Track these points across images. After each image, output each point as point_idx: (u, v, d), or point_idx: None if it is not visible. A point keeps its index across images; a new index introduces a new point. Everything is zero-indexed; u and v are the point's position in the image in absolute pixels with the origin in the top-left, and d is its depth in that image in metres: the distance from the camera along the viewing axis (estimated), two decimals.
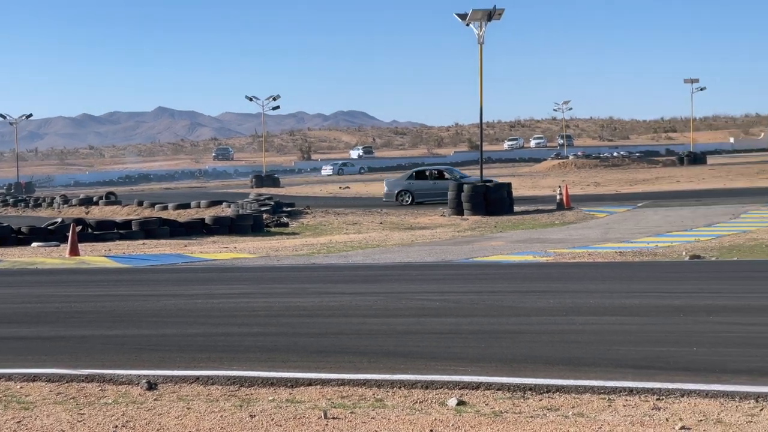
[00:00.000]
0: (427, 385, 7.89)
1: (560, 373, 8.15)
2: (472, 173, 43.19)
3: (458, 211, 32.45)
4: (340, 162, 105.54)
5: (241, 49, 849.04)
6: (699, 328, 10.11)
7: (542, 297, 12.92)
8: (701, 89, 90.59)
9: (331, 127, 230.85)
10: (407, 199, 40.35)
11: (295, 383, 8.14)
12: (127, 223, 30.56)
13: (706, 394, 7.31)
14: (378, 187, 57.87)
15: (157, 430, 7.00)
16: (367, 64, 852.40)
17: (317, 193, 57.25)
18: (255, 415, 7.22)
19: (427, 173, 42.28)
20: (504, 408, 7.26)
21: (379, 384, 8.01)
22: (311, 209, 37.53)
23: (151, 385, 8.19)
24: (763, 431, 6.34)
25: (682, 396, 7.32)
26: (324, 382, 8.13)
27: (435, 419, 6.93)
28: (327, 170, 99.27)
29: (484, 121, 36.07)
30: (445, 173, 41.40)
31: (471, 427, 6.69)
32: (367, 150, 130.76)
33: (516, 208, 33.19)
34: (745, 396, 7.23)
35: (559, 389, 7.65)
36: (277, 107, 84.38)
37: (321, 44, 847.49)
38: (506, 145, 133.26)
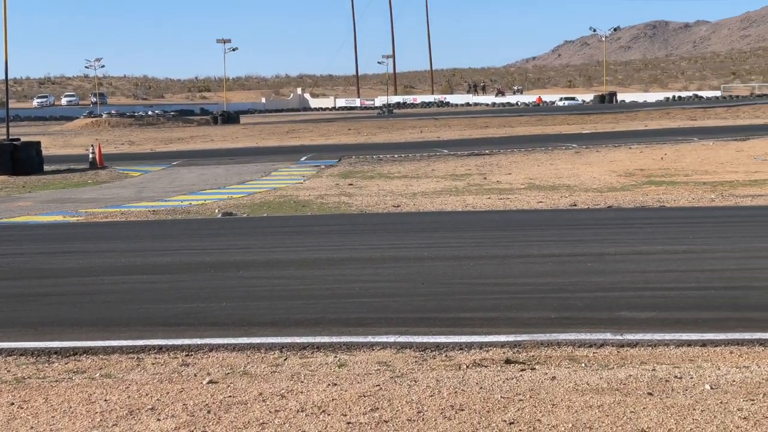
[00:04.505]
0: None
1: (89, 334, 7.97)
2: None
3: None
4: None
5: None
6: (229, 283, 10.31)
7: (71, 257, 12.59)
8: (234, 49, 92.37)
9: None
10: None
11: None
12: None
13: (234, 348, 7.46)
14: None
15: None
16: None
17: None
18: None
19: None
20: (27, 374, 6.95)
21: None
22: None
23: None
24: (286, 380, 6.54)
25: (211, 351, 7.41)
26: None
27: None
28: None
29: (10, 77, 34.42)
30: None
31: None
32: None
33: (47, 168, 31.97)
34: (270, 347, 7.45)
35: (87, 351, 7.48)
36: None
37: None
38: (35, 102, 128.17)
